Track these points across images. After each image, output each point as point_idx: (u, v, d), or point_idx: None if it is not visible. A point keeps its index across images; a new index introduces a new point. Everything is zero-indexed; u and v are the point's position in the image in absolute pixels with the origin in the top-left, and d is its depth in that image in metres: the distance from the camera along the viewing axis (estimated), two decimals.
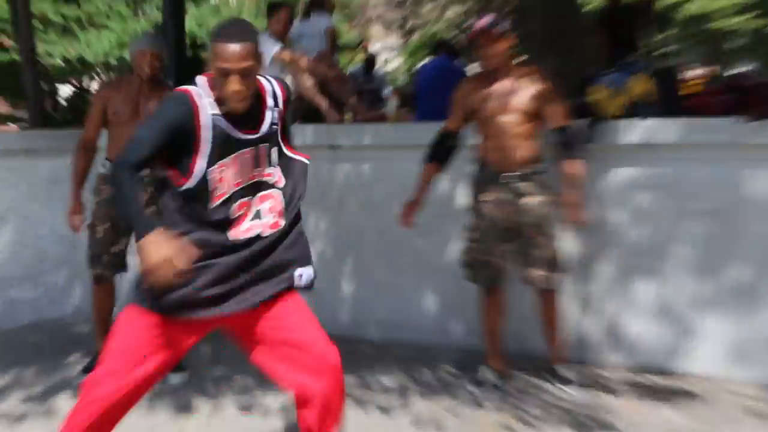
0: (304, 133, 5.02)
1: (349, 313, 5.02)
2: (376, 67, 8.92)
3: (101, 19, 13.92)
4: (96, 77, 13.98)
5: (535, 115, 3.91)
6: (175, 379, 4.19)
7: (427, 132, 4.69)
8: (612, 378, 4.23)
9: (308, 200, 4.89)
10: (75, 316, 5.53)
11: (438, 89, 6.44)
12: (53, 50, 14.44)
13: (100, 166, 4.34)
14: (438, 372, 4.35)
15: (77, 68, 13.47)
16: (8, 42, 14.79)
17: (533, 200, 3.90)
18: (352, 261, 5.00)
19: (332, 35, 6.31)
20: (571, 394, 3.96)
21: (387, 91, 8.32)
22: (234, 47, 2.39)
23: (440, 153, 4.14)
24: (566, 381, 4.04)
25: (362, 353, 4.68)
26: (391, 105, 6.02)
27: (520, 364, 4.28)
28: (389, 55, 19.32)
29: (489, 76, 3.95)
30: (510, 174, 3.91)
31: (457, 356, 4.50)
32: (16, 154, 5.76)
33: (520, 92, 3.91)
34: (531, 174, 3.91)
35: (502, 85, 3.92)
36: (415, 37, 21.08)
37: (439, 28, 18.07)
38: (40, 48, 10.48)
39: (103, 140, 4.32)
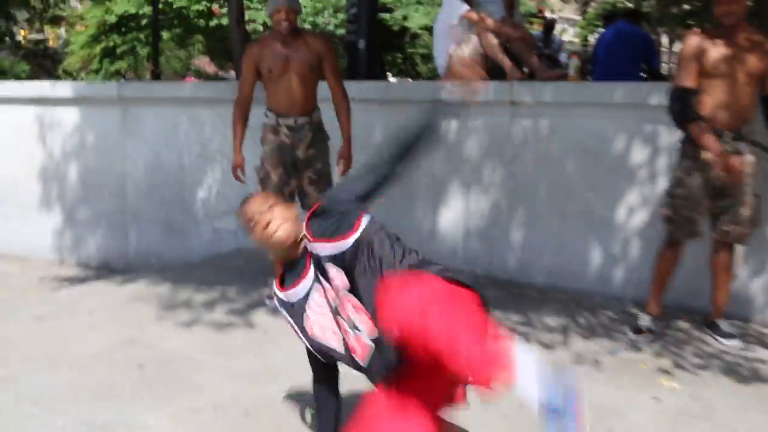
0: (486, 89, 5.23)
1: (517, 260, 5.23)
2: (554, 33, 8.97)
3: None
4: None
5: (759, 77, 3.94)
6: None
7: (606, 90, 4.81)
8: None
9: (485, 152, 5.24)
10: None
11: (617, 52, 6.48)
12: (256, 17, 15.37)
13: (264, 116, 4.70)
14: (598, 317, 4.50)
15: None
16: (217, 10, 15.85)
17: (746, 159, 3.94)
18: (523, 211, 5.20)
19: (511, 2, 6.46)
20: (732, 346, 4.02)
21: (564, 56, 8.38)
22: None
23: (689, 111, 3.92)
24: (728, 335, 4.09)
25: (528, 296, 4.90)
26: (572, 65, 6.12)
27: (680, 316, 4.37)
28: (566, 25, 19.04)
29: (720, 34, 3.94)
30: (728, 132, 3.93)
31: (617, 305, 4.62)
32: (225, 102, 6.32)
33: (751, 53, 3.92)
34: (745, 134, 3.96)
35: (734, 44, 3.93)
36: (592, 9, 20.62)
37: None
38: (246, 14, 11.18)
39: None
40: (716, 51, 3.92)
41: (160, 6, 13.47)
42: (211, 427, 3.08)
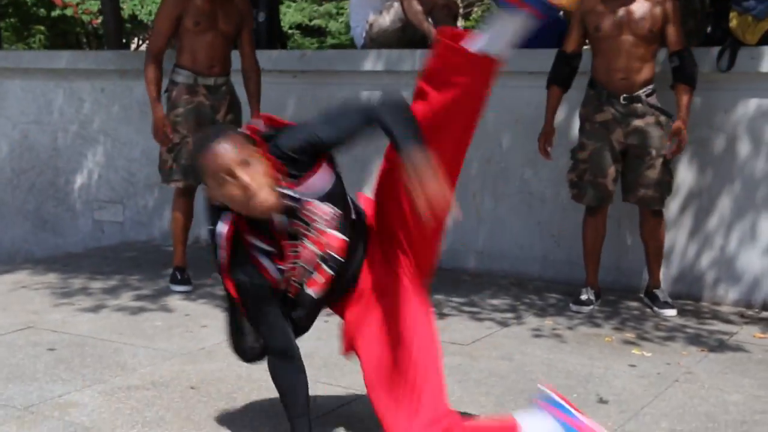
0: (413, 58, 5.27)
1: (447, 243, 5.24)
2: None
3: None
4: None
5: (654, 37, 4.14)
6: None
7: (544, 58, 4.90)
8: (727, 312, 4.43)
9: None
10: (164, 239, 5.81)
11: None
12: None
13: (173, 73, 4.54)
14: (545, 299, 4.57)
15: None
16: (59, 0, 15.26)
17: (646, 122, 4.18)
18: (456, 189, 5.22)
19: None
20: (669, 315, 4.26)
21: None
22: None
23: (563, 75, 4.41)
24: (664, 305, 4.32)
25: (462, 281, 4.92)
26: None
27: (632, 297, 4.53)
28: None
29: None
30: (624, 95, 4.19)
31: (561, 287, 4.72)
32: (109, 74, 6.08)
33: (643, 11, 4.16)
34: (645, 96, 4.18)
35: (623, 3, 4.17)
36: None
37: None
38: None
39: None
40: (599, 13, 4.20)
41: None
42: (155, 402, 2.91)
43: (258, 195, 2.26)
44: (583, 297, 4.36)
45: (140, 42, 17.17)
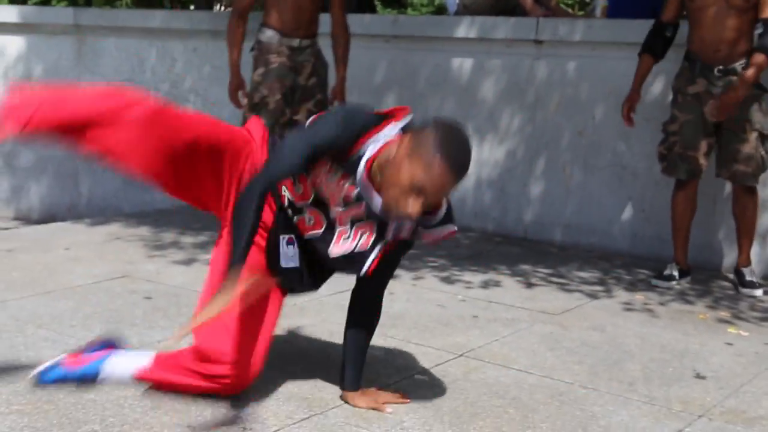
0: (506, 25, 5.20)
1: (534, 214, 5.20)
2: None
3: None
4: None
5: (750, 6, 4.03)
6: None
7: (645, 28, 4.79)
8: None
9: (503, 95, 5.19)
10: None
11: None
12: None
13: (259, 33, 4.57)
14: (634, 274, 4.49)
15: None
16: None
17: (736, 95, 4.03)
18: (543, 161, 5.17)
19: None
20: (751, 295, 4.16)
21: None
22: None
23: (657, 44, 4.32)
24: (748, 284, 4.22)
25: (549, 253, 4.87)
26: (598, 5, 6.11)
27: (711, 272, 4.50)
28: None
29: None
30: (719, 67, 4.08)
31: (650, 264, 4.63)
32: (203, 35, 6.14)
33: None
34: (740, 68, 4.05)
35: None
36: None
37: None
38: None
39: None
40: None
41: None
42: None
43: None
44: (666, 272, 4.29)
45: (221, 8, 17.30)
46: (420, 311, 3.56)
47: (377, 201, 2.33)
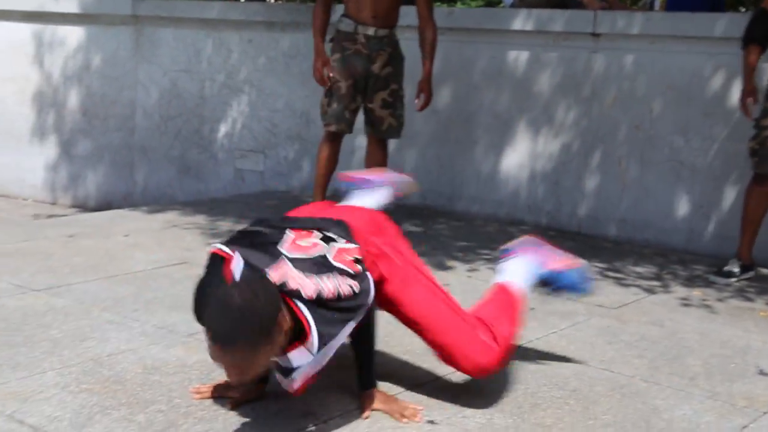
0: (563, 18, 5.17)
1: (589, 208, 5.16)
2: None
3: None
4: None
5: None
6: None
7: (706, 22, 4.73)
8: None
9: (559, 89, 5.16)
10: (302, 190, 5.91)
11: None
12: None
13: (339, 22, 4.63)
14: (690, 269, 4.44)
15: None
16: None
17: None
18: (599, 155, 5.13)
19: None
20: None
21: None
22: None
23: (759, 33, 4.19)
24: None
25: (604, 248, 4.83)
26: None
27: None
28: None
29: None
30: None
31: (707, 260, 4.57)
32: (258, 26, 6.19)
33: None
34: None
35: None
36: None
37: None
38: None
39: None
40: None
41: None
42: None
43: None
44: (726, 268, 4.23)
45: None
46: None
47: None
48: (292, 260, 2.14)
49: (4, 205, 6.83)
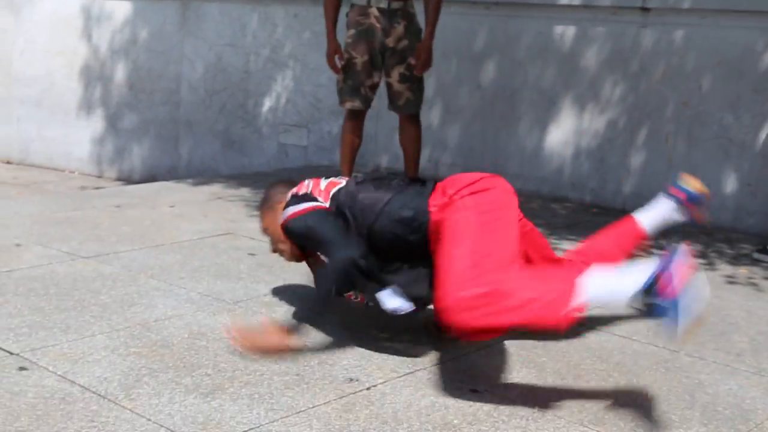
0: None
1: (634, 186, 5.12)
2: None
3: None
4: None
5: None
6: None
7: None
8: None
9: (606, 64, 5.10)
10: None
11: None
12: None
13: None
14: (736, 248, 4.39)
15: None
16: None
17: None
18: (645, 132, 5.08)
19: None
20: None
21: None
22: None
23: None
24: None
25: None
26: None
27: None
28: None
29: None
30: None
31: (754, 239, 4.51)
32: (303, 0, 6.20)
33: None
34: None
35: None
36: None
37: None
38: None
39: None
40: None
41: None
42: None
43: None
44: None
45: None
46: None
47: None
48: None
49: (51, 177, 6.96)
